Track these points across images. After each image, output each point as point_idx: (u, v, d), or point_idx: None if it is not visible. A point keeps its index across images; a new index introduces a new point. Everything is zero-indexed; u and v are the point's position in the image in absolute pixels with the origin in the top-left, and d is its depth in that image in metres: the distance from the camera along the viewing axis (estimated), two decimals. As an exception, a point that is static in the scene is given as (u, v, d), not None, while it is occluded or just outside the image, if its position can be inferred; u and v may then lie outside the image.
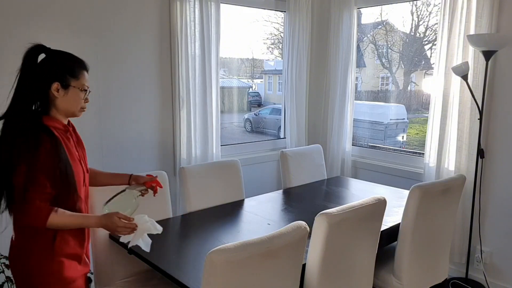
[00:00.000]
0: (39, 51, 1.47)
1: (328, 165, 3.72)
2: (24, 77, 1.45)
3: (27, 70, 1.45)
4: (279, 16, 3.93)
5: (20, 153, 1.36)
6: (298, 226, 1.54)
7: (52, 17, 2.48)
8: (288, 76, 3.73)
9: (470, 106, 2.83)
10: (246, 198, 2.69)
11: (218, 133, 3.22)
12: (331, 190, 2.87)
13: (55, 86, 1.47)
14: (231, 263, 1.32)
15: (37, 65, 1.46)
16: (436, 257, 2.33)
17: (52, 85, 1.47)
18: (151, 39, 2.90)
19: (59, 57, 1.51)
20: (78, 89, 1.53)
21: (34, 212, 1.39)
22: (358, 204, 1.82)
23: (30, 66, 1.45)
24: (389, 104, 3.90)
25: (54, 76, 1.47)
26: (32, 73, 1.44)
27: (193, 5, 2.95)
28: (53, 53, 1.50)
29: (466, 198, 2.89)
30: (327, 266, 1.74)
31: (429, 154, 3.07)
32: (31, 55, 1.46)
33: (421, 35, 3.66)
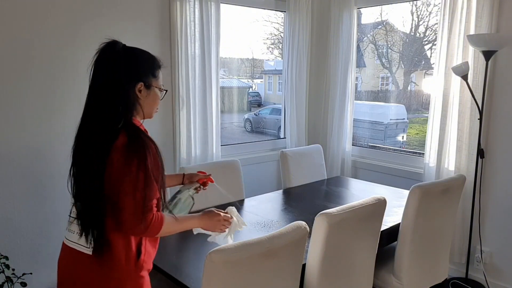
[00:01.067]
0: (118, 48, 1.37)
1: (328, 165, 3.72)
2: (104, 77, 1.33)
3: (106, 69, 1.33)
4: (279, 16, 3.93)
5: (133, 159, 1.24)
6: (298, 226, 1.54)
7: (51, 17, 2.48)
8: (288, 76, 3.73)
9: (470, 106, 2.83)
10: (246, 198, 2.69)
11: (218, 133, 3.22)
12: (331, 190, 2.87)
13: (139, 86, 1.36)
14: (231, 263, 1.32)
15: (119, 64, 1.34)
16: (436, 257, 2.33)
17: (136, 86, 1.36)
18: (151, 39, 2.90)
19: (140, 55, 1.42)
20: (158, 89, 1.44)
21: (154, 220, 1.29)
22: (358, 204, 1.81)
23: (110, 64, 1.33)
24: (389, 104, 3.90)
25: (138, 76, 1.37)
26: (113, 73, 1.32)
27: (193, 5, 2.95)
28: (133, 51, 1.40)
29: (466, 198, 2.88)
30: (327, 266, 1.74)
31: (429, 154, 3.07)
32: (110, 53, 1.35)
33: (421, 35, 3.66)
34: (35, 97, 2.48)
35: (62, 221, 2.65)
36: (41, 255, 2.60)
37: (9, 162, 2.44)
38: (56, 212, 2.62)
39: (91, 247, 1.28)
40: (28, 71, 2.44)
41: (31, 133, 2.49)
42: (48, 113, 2.54)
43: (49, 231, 2.61)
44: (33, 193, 2.54)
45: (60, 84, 2.57)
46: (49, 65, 2.51)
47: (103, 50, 1.37)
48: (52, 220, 2.61)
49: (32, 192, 2.53)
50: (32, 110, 2.48)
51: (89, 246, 1.29)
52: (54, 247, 2.64)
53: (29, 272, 2.54)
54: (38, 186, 2.55)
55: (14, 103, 2.42)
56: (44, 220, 2.59)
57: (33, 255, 2.57)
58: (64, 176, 2.70)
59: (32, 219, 2.55)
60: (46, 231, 2.60)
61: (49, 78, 2.52)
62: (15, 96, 2.41)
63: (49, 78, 2.52)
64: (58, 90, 2.56)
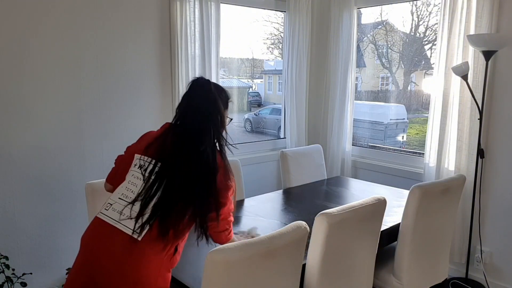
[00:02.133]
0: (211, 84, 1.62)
1: (328, 165, 3.72)
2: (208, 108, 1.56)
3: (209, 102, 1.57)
4: (279, 16, 3.93)
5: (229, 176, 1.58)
6: (298, 226, 1.53)
7: (51, 17, 2.48)
8: (288, 76, 3.73)
9: (470, 106, 2.83)
10: (246, 198, 2.69)
11: (218, 133, 3.22)
12: (331, 190, 2.87)
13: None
14: (231, 263, 1.32)
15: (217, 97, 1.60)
16: (436, 257, 2.33)
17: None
18: (151, 39, 2.90)
19: (222, 89, 1.70)
20: (227, 118, 1.70)
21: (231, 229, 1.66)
22: (358, 204, 1.81)
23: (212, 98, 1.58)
24: (389, 104, 3.90)
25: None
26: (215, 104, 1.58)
27: (193, 5, 2.95)
28: (217, 86, 1.68)
29: (466, 198, 2.89)
30: (327, 266, 1.74)
31: (429, 154, 3.07)
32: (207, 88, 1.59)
33: (421, 35, 3.66)
34: (36, 96, 2.48)
35: (62, 221, 2.65)
36: (41, 255, 2.60)
37: (10, 162, 2.44)
38: (56, 212, 2.62)
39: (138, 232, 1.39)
40: (28, 71, 2.44)
41: (31, 133, 2.49)
42: (48, 112, 2.54)
43: (49, 231, 2.61)
44: (33, 193, 2.54)
45: (60, 83, 2.57)
46: (49, 65, 2.51)
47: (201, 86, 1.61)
48: (52, 220, 2.61)
49: (32, 192, 2.53)
50: (33, 110, 2.48)
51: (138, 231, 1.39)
52: (54, 247, 2.64)
53: (29, 272, 2.54)
54: (39, 186, 2.55)
55: (14, 101, 2.42)
56: (44, 220, 2.59)
57: (33, 255, 2.57)
58: (64, 176, 2.71)
59: (32, 219, 2.55)
60: (46, 231, 2.60)
61: (49, 78, 2.52)
62: (14, 95, 2.42)
63: (49, 78, 2.52)
64: (57, 90, 2.56)
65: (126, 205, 1.45)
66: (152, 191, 1.44)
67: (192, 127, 1.53)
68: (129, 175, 1.52)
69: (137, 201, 1.44)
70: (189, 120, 1.54)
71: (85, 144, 2.69)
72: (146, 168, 1.48)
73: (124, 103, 2.84)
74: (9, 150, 2.43)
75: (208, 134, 1.53)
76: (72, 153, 2.63)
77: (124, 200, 1.46)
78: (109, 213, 1.46)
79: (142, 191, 1.45)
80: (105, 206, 1.49)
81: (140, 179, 1.48)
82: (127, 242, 1.39)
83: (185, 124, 1.54)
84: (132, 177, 1.50)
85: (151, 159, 1.49)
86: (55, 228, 2.62)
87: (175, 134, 1.53)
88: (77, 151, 2.64)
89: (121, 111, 2.83)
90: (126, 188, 1.49)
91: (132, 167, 1.53)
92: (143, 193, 1.44)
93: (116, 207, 1.46)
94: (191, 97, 1.58)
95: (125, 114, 2.85)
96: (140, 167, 1.50)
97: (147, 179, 1.46)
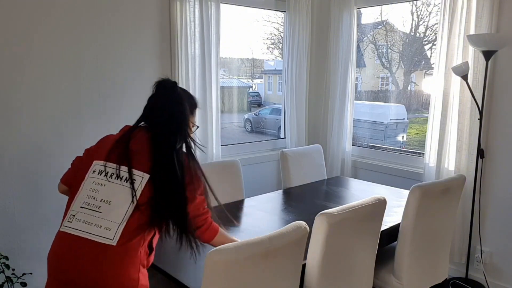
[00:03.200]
0: (177, 86, 1.58)
1: (328, 165, 3.72)
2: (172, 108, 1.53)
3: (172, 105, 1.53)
4: (279, 16, 3.93)
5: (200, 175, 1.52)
6: (298, 226, 1.53)
7: (51, 17, 2.48)
8: (288, 76, 3.73)
9: (470, 106, 2.83)
10: (246, 198, 2.69)
11: (218, 133, 3.22)
12: (331, 190, 2.87)
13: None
14: (231, 263, 1.32)
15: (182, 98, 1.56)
16: (436, 257, 2.33)
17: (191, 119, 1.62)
18: (151, 39, 2.90)
19: (189, 95, 1.67)
20: (192, 124, 1.65)
21: (213, 225, 1.61)
22: (358, 204, 1.81)
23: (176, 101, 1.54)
24: (389, 104, 3.90)
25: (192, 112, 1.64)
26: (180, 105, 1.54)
27: (193, 5, 2.95)
28: (184, 90, 1.65)
29: (466, 198, 2.89)
30: (327, 266, 1.74)
31: (429, 154, 3.07)
32: (172, 89, 1.55)
33: (421, 35, 3.66)
34: (36, 96, 2.48)
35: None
36: (41, 255, 2.60)
37: (9, 162, 2.44)
38: (56, 212, 2.62)
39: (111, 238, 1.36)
40: (28, 71, 2.44)
41: (31, 133, 2.49)
42: (48, 112, 2.54)
43: (49, 231, 2.61)
44: (33, 193, 2.54)
45: (60, 83, 2.57)
46: (49, 65, 2.51)
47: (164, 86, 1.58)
48: (52, 220, 2.61)
49: (32, 192, 2.53)
50: (33, 110, 2.48)
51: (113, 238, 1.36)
52: (54, 247, 2.64)
53: (29, 272, 2.54)
54: (38, 186, 2.55)
55: (14, 101, 2.42)
56: (44, 220, 2.59)
57: (33, 255, 2.57)
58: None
59: (32, 219, 2.55)
60: (46, 231, 2.60)
61: (49, 78, 2.52)
62: (14, 94, 2.42)
63: (49, 78, 2.52)
64: (57, 90, 2.56)
65: (92, 213, 1.39)
66: (121, 196, 1.40)
67: (157, 127, 1.50)
68: (89, 182, 1.45)
69: (104, 207, 1.39)
70: (154, 121, 1.52)
71: (86, 144, 2.69)
72: (111, 174, 1.44)
73: (124, 103, 2.84)
74: (10, 150, 2.43)
75: (174, 135, 1.49)
76: (72, 153, 2.63)
77: (88, 208, 1.40)
78: (74, 225, 1.39)
79: (109, 197, 1.40)
80: (67, 218, 1.42)
81: (103, 185, 1.43)
82: (101, 251, 1.34)
83: (152, 126, 1.52)
84: (94, 184, 1.44)
85: (116, 165, 1.45)
86: (55, 228, 2.62)
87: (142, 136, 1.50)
88: (77, 151, 2.64)
89: (121, 111, 2.83)
90: (88, 196, 1.43)
91: (90, 174, 1.47)
92: (111, 199, 1.40)
93: (81, 216, 1.40)
94: (155, 98, 1.56)
95: (125, 113, 2.85)
96: (103, 174, 1.45)
97: (115, 184, 1.42)
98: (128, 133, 1.52)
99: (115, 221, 1.38)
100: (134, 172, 1.43)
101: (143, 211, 1.40)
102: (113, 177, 1.43)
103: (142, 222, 1.40)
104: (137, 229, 1.39)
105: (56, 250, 1.39)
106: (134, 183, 1.42)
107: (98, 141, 1.61)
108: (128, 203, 1.40)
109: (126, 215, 1.38)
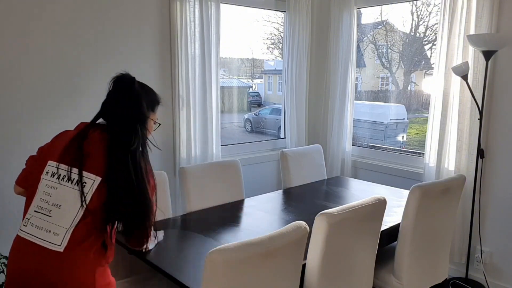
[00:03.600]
0: (135, 81, 1.50)
1: (328, 165, 3.72)
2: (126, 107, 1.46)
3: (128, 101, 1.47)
4: (279, 16, 3.93)
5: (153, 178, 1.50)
6: (298, 226, 1.53)
7: (51, 17, 2.48)
8: (288, 76, 3.73)
9: (470, 106, 2.83)
10: (246, 198, 2.69)
11: (218, 133, 3.22)
12: (331, 190, 2.87)
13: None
14: (231, 263, 1.32)
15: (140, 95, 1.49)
16: (436, 257, 2.33)
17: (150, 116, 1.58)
18: (151, 39, 2.90)
19: (149, 90, 1.61)
20: (152, 121, 1.61)
21: None
22: (358, 204, 1.81)
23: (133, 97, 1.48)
24: (389, 104, 3.90)
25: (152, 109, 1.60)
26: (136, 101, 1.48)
27: (193, 5, 2.95)
28: (143, 85, 1.58)
29: (466, 198, 2.89)
30: (327, 266, 1.74)
31: (429, 154, 3.07)
32: (128, 85, 1.49)
33: (421, 35, 3.66)
34: (35, 96, 2.48)
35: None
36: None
37: (9, 161, 2.43)
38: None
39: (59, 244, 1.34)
40: (28, 71, 2.44)
41: (31, 133, 2.49)
42: (48, 112, 2.54)
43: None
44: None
45: (60, 84, 2.57)
46: (48, 65, 2.51)
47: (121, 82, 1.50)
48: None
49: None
50: (33, 109, 2.48)
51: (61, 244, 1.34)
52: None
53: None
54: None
55: (15, 101, 2.42)
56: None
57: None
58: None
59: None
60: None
61: (48, 78, 2.52)
62: (14, 94, 2.42)
63: (49, 78, 2.52)
64: (57, 90, 2.56)
65: (43, 218, 1.36)
66: (71, 199, 1.36)
67: (113, 126, 1.44)
68: (42, 184, 1.41)
69: (55, 212, 1.36)
70: (110, 119, 1.46)
71: (85, 144, 2.68)
72: (63, 176, 1.39)
73: (124, 103, 2.84)
74: (10, 150, 2.43)
75: (129, 135, 1.43)
76: (72, 153, 2.63)
77: (41, 213, 1.37)
78: (28, 229, 1.37)
79: (60, 201, 1.36)
80: (23, 222, 1.39)
81: (55, 188, 1.38)
82: (49, 256, 1.32)
83: (108, 124, 1.46)
84: (46, 187, 1.40)
85: (68, 167, 1.39)
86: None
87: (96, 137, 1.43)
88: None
89: (121, 111, 2.83)
90: (41, 199, 1.39)
91: (44, 175, 1.42)
92: (61, 203, 1.36)
93: (34, 221, 1.37)
94: (112, 95, 1.48)
95: (125, 114, 2.85)
96: (55, 176, 1.40)
97: (66, 187, 1.37)
98: (83, 132, 1.45)
99: (63, 226, 1.34)
100: (85, 175, 1.38)
101: (94, 216, 1.36)
102: (65, 180, 1.38)
103: (92, 227, 1.36)
104: (86, 234, 1.36)
105: (12, 254, 1.39)
106: (84, 186, 1.36)
107: (53, 138, 1.52)
108: (77, 207, 1.36)
109: (75, 220, 1.35)
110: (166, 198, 2.31)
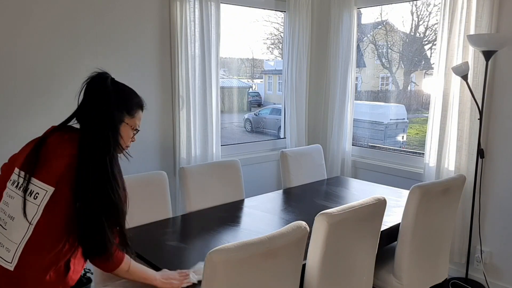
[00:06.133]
0: (107, 80, 1.37)
1: (328, 165, 3.72)
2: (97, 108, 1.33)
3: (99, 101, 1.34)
4: (279, 16, 3.93)
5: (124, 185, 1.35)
6: (298, 226, 1.53)
7: (50, 17, 2.48)
8: (288, 76, 3.73)
9: (470, 106, 2.83)
10: (246, 198, 2.69)
11: (218, 133, 3.22)
12: (331, 190, 2.87)
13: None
14: (231, 263, 1.32)
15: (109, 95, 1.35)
16: (436, 257, 2.33)
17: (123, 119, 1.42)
18: (151, 39, 2.90)
19: (122, 90, 1.43)
20: (130, 127, 1.45)
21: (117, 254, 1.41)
22: (358, 204, 1.81)
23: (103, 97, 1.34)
24: (389, 104, 3.90)
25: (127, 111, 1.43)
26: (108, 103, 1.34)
27: (193, 5, 2.95)
28: (118, 85, 1.42)
29: (466, 198, 2.89)
30: (327, 266, 1.74)
31: (429, 154, 3.07)
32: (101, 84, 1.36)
33: (421, 35, 3.66)
34: (35, 95, 2.48)
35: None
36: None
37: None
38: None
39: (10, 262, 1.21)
40: (28, 71, 2.44)
41: (31, 135, 2.49)
42: (48, 112, 2.54)
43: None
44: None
45: (60, 84, 2.57)
46: (48, 65, 2.51)
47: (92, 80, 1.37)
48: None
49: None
50: (32, 110, 2.48)
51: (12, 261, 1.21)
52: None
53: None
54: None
55: (14, 100, 2.42)
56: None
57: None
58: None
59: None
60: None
61: (48, 78, 2.52)
62: (14, 94, 2.42)
63: (48, 78, 2.52)
64: (57, 90, 2.56)
65: (0, 230, 1.25)
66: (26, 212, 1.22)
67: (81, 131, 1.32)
68: (5, 193, 1.30)
69: (9, 224, 1.23)
70: (81, 123, 1.34)
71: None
72: (20, 185, 1.26)
73: (124, 103, 2.84)
74: (9, 150, 2.43)
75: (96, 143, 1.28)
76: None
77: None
78: None
79: (14, 212, 1.24)
80: None
81: (13, 198, 1.26)
82: (3, 274, 1.20)
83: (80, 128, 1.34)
84: (6, 196, 1.28)
85: (24, 174, 1.26)
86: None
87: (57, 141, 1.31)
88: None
89: (121, 111, 2.83)
90: (1, 209, 1.28)
91: (8, 183, 1.31)
92: (15, 215, 1.23)
93: None
94: (83, 96, 1.36)
95: (125, 114, 2.85)
96: (15, 184, 1.28)
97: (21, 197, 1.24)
98: (44, 136, 1.34)
99: (15, 242, 1.21)
100: (38, 184, 1.24)
101: (46, 231, 1.21)
102: (21, 189, 1.25)
103: (46, 244, 1.21)
104: (39, 252, 1.20)
105: None
106: (36, 198, 1.22)
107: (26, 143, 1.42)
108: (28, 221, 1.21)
109: (26, 236, 1.20)
110: (166, 198, 2.31)
